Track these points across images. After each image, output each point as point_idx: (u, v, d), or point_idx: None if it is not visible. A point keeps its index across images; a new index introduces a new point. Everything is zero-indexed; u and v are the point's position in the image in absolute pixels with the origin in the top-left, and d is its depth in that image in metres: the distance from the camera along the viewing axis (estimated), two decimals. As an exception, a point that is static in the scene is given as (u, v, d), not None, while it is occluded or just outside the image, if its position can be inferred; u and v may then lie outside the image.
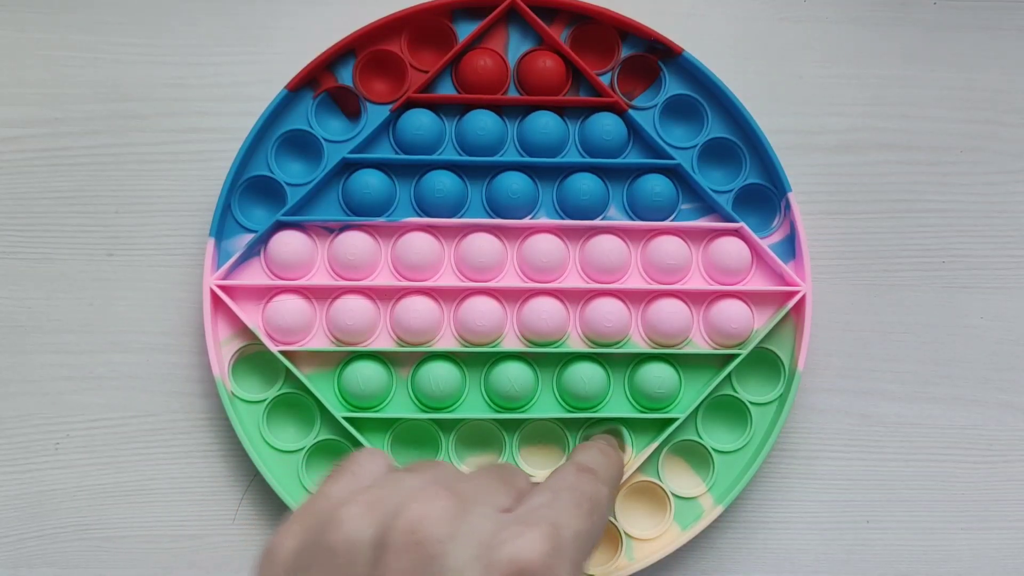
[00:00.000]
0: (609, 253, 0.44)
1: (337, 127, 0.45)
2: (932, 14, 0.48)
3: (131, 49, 0.46)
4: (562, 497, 0.29)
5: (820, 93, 0.47)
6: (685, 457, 0.45)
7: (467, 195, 0.44)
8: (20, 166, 0.46)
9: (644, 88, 0.45)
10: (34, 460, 0.45)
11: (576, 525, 0.28)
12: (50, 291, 0.45)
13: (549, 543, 0.25)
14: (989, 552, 0.46)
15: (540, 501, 0.28)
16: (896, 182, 0.47)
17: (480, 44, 0.45)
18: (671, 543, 0.43)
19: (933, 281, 0.47)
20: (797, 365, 0.44)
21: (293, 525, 0.28)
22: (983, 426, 0.47)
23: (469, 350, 0.44)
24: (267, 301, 0.43)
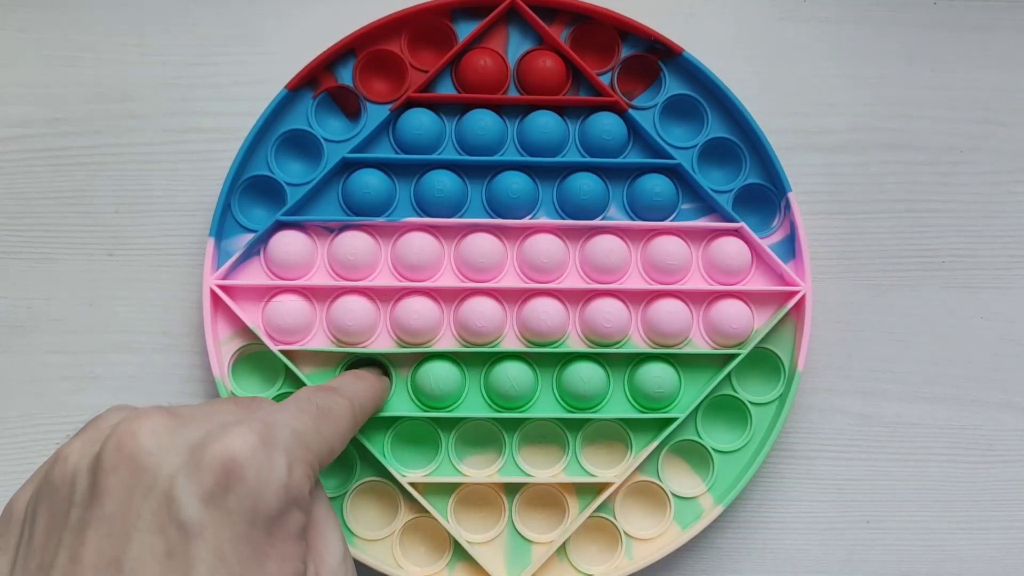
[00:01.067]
0: (609, 253, 0.44)
1: (337, 127, 0.45)
2: (932, 14, 0.48)
3: (131, 49, 0.46)
4: (285, 406, 0.29)
5: (820, 93, 0.47)
6: (685, 457, 0.45)
7: (467, 195, 0.44)
8: (20, 166, 0.46)
9: (644, 88, 0.45)
10: (34, 460, 0.45)
11: (295, 424, 0.28)
12: (50, 291, 0.45)
13: (256, 436, 0.26)
14: (989, 552, 0.46)
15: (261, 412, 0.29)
16: (896, 182, 0.47)
17: (480, 44, 0.45)
18: (671, 543, 0.43)
19: (933, 281, 0.47)
20: (797, 365, 0.44)
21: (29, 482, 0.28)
22: (983, 426, 0.47)
23: (469, 350, 0.44)
24: (267, 301, 0.43)
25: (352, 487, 0.43)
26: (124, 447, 0.25)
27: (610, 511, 0.44)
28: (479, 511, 0.44)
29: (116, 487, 0.25)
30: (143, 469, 0.25)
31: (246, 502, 0.25)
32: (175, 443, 0.26)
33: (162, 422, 0.26)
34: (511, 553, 0.44)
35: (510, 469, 0.44)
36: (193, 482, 0.25)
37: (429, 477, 0.43)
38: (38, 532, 0.26)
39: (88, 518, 0.25)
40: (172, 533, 0.24)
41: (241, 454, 0.25)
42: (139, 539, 0.24)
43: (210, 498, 0.25)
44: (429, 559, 0.44)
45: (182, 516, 0.24)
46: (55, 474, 0.26)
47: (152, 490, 0.25)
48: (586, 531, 0.44)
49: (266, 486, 0.26)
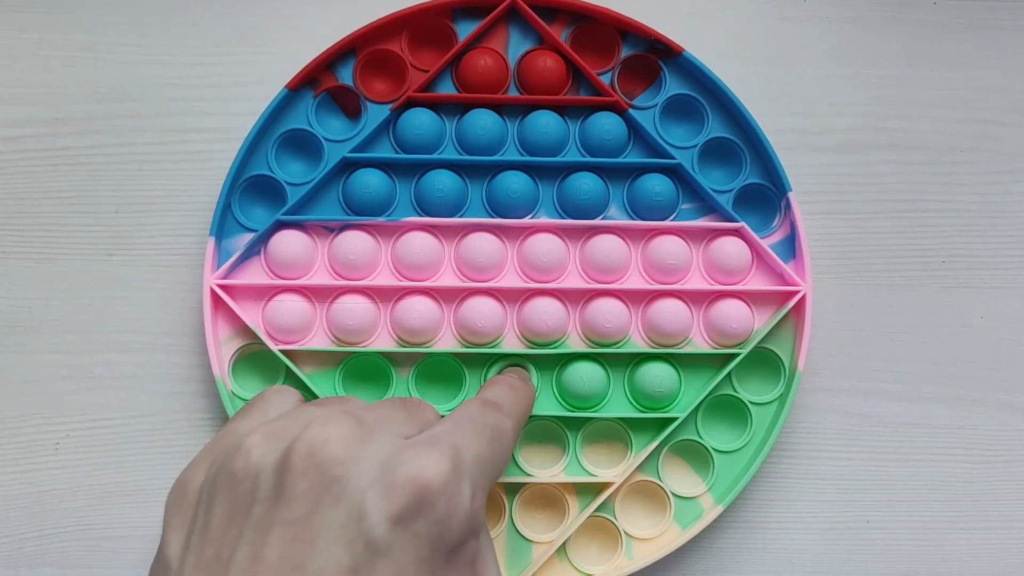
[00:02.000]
0: (609, 253, 0.44)
1: (337, 126, 0.45)
2: (932, 14, 0.48)
3: (131, 49, 0.46)
4: (463, 426, 0.29)
5: (820, 93, 0.47)
6: (685, 457, 0.45)
7: (467, 194, 0.44)
8: (20, 166, 0.46)
9: (644, 88, 0.45)
10: (34, 460, 0.45)
11: (476, 449, 0.28)
12: (50, 291, 0.45)
13: (449, 462, 0.26)
14: (989, 552, 0.46)
15: (443, 428, 0.28)
16: (896, 182, 0.47)
17: (480, 44, 0.45)
18: (671, 543, 0.43)
19: (933, 281, 0.47)
20: (797, 365, 0.44)
21: (201, 461, 0.28)
22: (983, 426, 0.47)
23: (469, 350, 0.44)
24: (267, 300, 0.43)
25: (352, 487, 0.43)
26: (316, 453, 0.25)
27: (610, 511, 0.44)
28: (479, 511, 0.44)
29: (304, 493, 0.24)
30: (334, 479, 0.25)
31: (434, 528, 0.25)
32: (365, 455, 0.25)
33: (352, 431, 0.26)
34: (511, 553, 0.44)
35: (510, 469, 0.44)
36: (385, 501, 0.24)
37: (429, 477, 0.43)
38: (215, 521, 0.25)
39: (273, 519, 0.24)
40: (359, 549, 0.24)
41: (435, 481, 0.25)
42: (325, 549, 0.24)
43: (400, 520, 0.24)
44: (429, 559, 0.44)
45: (371, 533, 0.24)
46: (236, 466, 0.26)
47: (340, 501, 0.24)
48: (586, 531, 0.44)
49: (454, 515, 0.25)
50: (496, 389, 0.35)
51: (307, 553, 0.24)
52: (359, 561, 0.24)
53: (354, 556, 0.24)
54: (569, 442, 0.44)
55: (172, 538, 0.26)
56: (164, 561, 0.26)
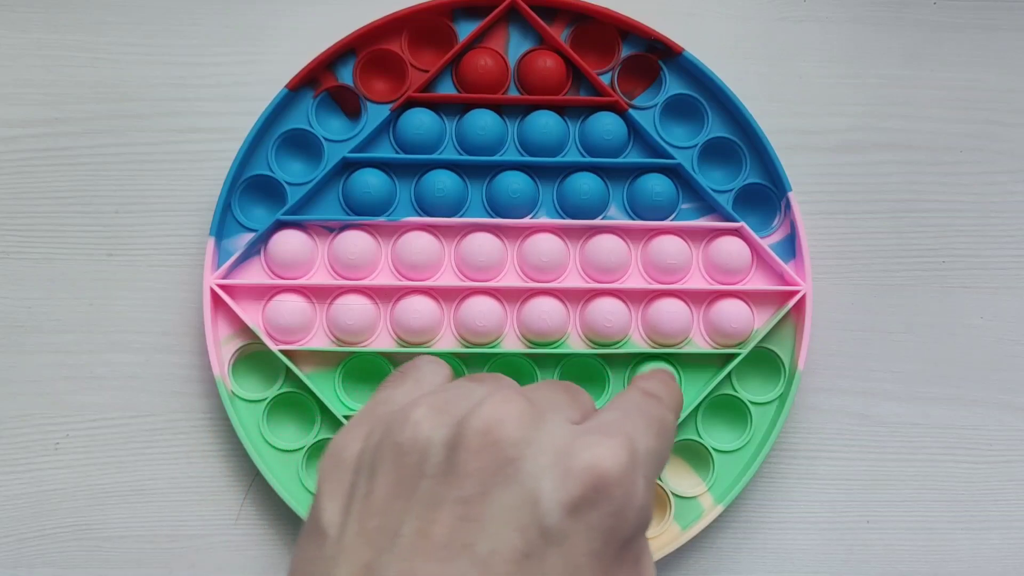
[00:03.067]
0: (609, 253, 0.44)
1: (337, 126, 0.45)
2: (932, 14, 0.48)
3: (131, 49, 0.46)
4: (632, 415, 0.28)
5: (820, 93, 0.47)
6: (685, 456, 0.45)
7: (467, 194, 0.44)
8: (20, 166, 0.46)
9: (644, 88, 0.45)
10: (34, 460, 0.45)
11: (648, 443, 0.27)
12: (50, 291, 0.45)
13: (627, 454, 0.25)
14: (989, 552, 0.46)
15: (612, 416, 0.27)
16: (896, 182, 0.47)
17: (480, 44, 0.45)
18: (671, 542, 0.43)
19: (933, 281, 0.47)
20: (797, 365, 0.44)
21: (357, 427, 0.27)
22: (983, 426, 0.47)
23: (470, 350, 0.44)
24: (267, 300, 0.43)
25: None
26: (491, 431, 0.24)
27: (610, 511, 0.44)
28: (479, 511, 0.44)
29: (477, 471, 0.24)
30: (508, 460, 0.24)
31: (608, 520, 0.24)
32: (540, 438, 0.24)
33: (527, 411, 0.25)
34: (511, 553, 0.44)
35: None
36: (561, 488, 0.24)
37: (429, 477, 0.43)
38: (379, 491, 0.24)
39: (443, 495, 0.23)
40: (532, 534, 0.23)
41: (613, 470, 0.24)
42: (496, 531, 0.23)
43: (575, 508, 0.24)
44: (429, 559, 0.44)
45: (546, 520, 0.23)
46: (404, 437, 0.25)
47: (515, 484, 0.24)
48: (586, 531, 0.44)
49: (628, 507, 0.25)
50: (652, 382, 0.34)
51: (477, 533, 0.23)
52: (532, 547, 0.23)
53: (527, 541, 0.23)
54: (569, 442, 0.44)
55: (328, 505, 0.25)
56: (319, 528, 0.25)
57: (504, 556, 0.23)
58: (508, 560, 0.23)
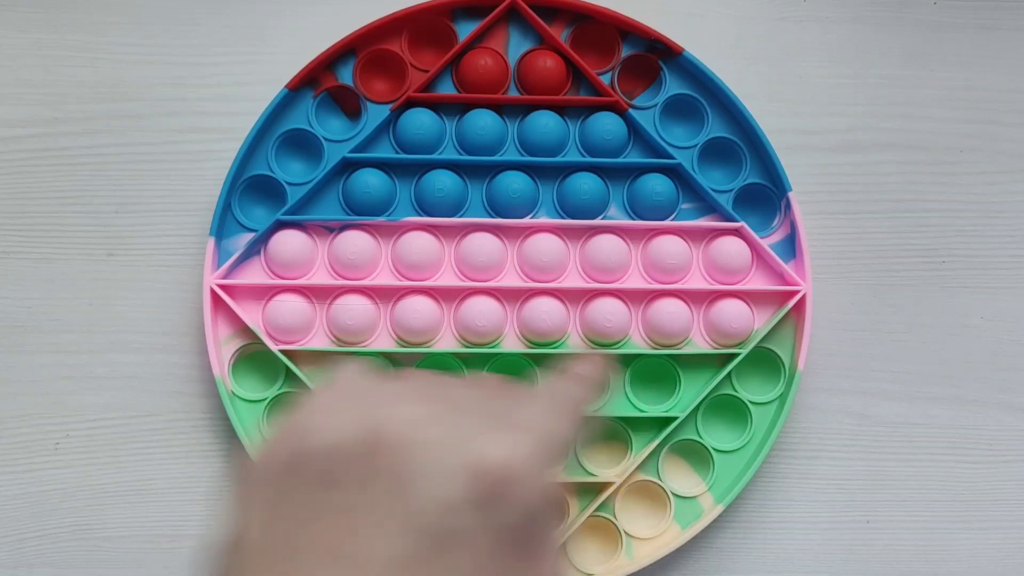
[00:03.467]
0: (609, 253, 0.44)
1: (337, 126, 0.45)
2: (932, 14, 0.48)
3: (131, 49, 0.46)
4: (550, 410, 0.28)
5: (820, 93, 0.47)
6: (685, 456, 0.45)
7: (467, 194, 0.44)
8: (20, 166, 0.46)
9: (644, 88, 0.45)
10: (34, 460, 0.45)
11: (557, 430, 0.27)
12: (50, 291, 0.45)
13: (530, 447, 0.25)
14: (989, 552, 0.46)
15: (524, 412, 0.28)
16: (896, 182, 0.47)
17: (480, 44, 0.45)
18: (671, 542, 0.43)
19: (933, 281, 0.47)
20: (797, 365, 0.44)
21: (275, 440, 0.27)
22: (983, 426, 0.47)
23: (470, 350, 0.44)
24: (267, 300, 0.43)
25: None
26: (392, 436, 0.24)
27: (610, 511, 0.44)
28: (479, 511, 0.44)
29: (382, 476, 0.24)
30: (414, 459, 0.24)
31: (514, 515, 0.24)
32: (444, 438, 0.24)
33: (430, 413, 0.25)
34: (511, 553, 0.44)
35: (510, 469, 0.44)
36: (465, 485, 0.24)
37: (429, 477, 0.43)
38: (285, 500, 0.24)
39: (352, 502, 0.24)
40: (424, 537, 0.23)
41: (518, 466, 0.24)
42: (385, 537, 0.23)
43: (480, 505, 0.24)
44: (429, 559, 0.44)
45: (450, 518, 0.23)
46: (315, 445, 0.25)
47: (407, 487, 0.24)
48: (586, 530, 0.44)
49: (535, 501, 0.25)
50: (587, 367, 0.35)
51: (381, 537, 0.23)
52: (422, 550, 0.23)
53: (417, 544, 0.23)
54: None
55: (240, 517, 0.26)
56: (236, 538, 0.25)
57: (393, 561, 0.23)
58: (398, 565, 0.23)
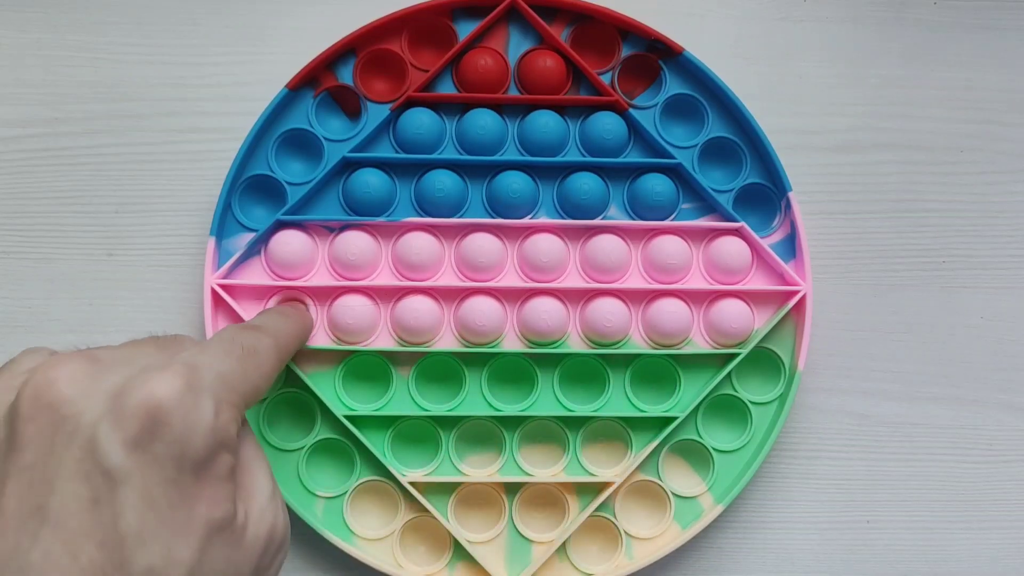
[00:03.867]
0: (609, 252, 0.44)
1: (337, 126, 0.45)
2: (932, 14, 0.48)
3: (131, 49, 0.46)
4: (207, 347, 0.29)
5: (820, 93, 0.47)
6: (685, 456, 0.45)
7: (467, 194, 0.44)
8: (20, 166, 0.46)
9: (645, 87, 0.45)
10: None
11: (220, 367, 0.28)
12: (50, 291, 0.45)
13: (181, 379, 0.25)
14: (989, 552, 0.46)
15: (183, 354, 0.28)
16: (896, 182, 0.47)
17: (480, 43, 0.45)
18: (671, 542, 0.43)
19: (933, 281, 0.47)
20: (797, 365, 0.44)
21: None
22: (983, 426, 0.47)
23: (470, 350, 0.44)
24: (268, 301, 0.43)
25: (352, 487, 0.43)
26: (42, 395, 0.25)
27: (610, 510, 0.44)
28: (479, 511, 0.44)
29: (35, 436, 0.24)
30: (63, 418, 0.24)
31: (173, 447, 0.25)
32: (95, 389, 0.25)
33: (81, 367, 0.25)
34: (511, 553, 0.44)
35: (510, 468, 0.44)
36: (117, 429, 0.24)
37: (429, 476, 0.43)
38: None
39: (7, 469, 0.24)
40: (97, 480, 0.24)
41: (166, 399, 0.25)
42: (62, 487, 0.24)
43: (135, 444, 0.24)
44: (429, 559, 0.44)
45: (107, 463, 0.24)
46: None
47: (74, 438, 0.24)
48: (586, 531, 0.44)
49: (193, 431, 0.25)
50: (262, 316, 0.35)
51: (45, 495, 0.24)
52: (99, 492, 0.24)
53: (93, 488, 0.24)
54: (569, 442, 0.44)
55: None
56: None
57: (73, 508, 0.23)
58: (79, 511, 0.23)
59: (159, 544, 0.24)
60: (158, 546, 0.24)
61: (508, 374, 0.44)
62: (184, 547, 0.25)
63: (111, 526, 0.24)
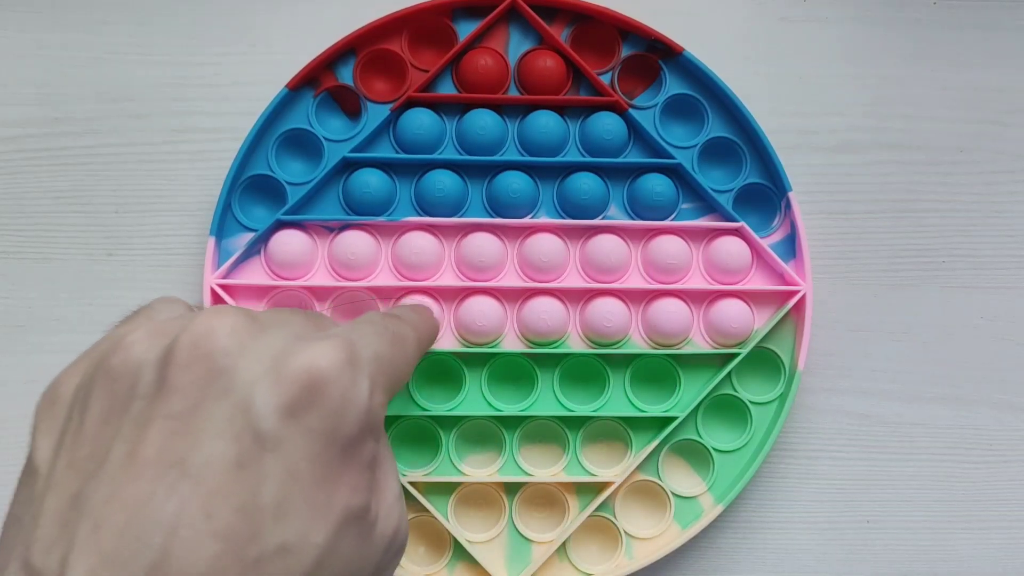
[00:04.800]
0: (609, 252, 0.44)
1: (337, 126, 0.45)
2: (932, 14, 0.48)
3: (131, 49, 0.46)
4: (362, 326, 0.28)
5: (820, 93, 0.47)
6: (685, 456, 0.45)
7: (467, 194, 0.44)
8: (20, 166, 0.46)
9: (644, 87, 0.45)
10: (34, 460, 0.45)
11: (376, 347, 0.27)
12: (50, 291, 0.45)
13: (344, 353, 0.24)
14: (989, 552, 0.46)
15: (341, 328, 0.27)
16: (896, 182, 0.47)
17: (480, 43, 0.45)
18: (671, 542, 0.43)
19: (933, 281, 0.47)
20: (797, 365, 0.44)
21: (76, 364, 0.26)
22: (983, 426, 0.47)
23: (469, 350, 0.44)
24: (268, 300, 0.43)
25: (352, 487, 0.43)
26: (201, 344, 0.23)
27: (610, 510, 0.44)
28: (479, 510, 0.44)
29: (187, 385, 0.23)
30: (220, 370, 0.23)
31: (327, 422, 0.23)
32: (255, 347, 0.24)
33: (241, 322, 0.24)
34: (511, 552, 0.44)
35: (510, 468, 0.44)
36: (274, 392, 0.23)
37: (429, 476, 0.43)
38: (90, 420, 0.24)
39: (152, 414, 0.23)
40: (246, 442, 0.23)
41: (327, 370, 0.24)
42: (208, 443, 0.22)
43: (290, 412, 0.23)
44: (429, 558, 0.44)
45: (258, 426, 0.23)
46: (115, 362, 0.24)
47: (227, 394, 0.23)
48: (586, 530, 0.44)
49: (348, 408, 0.24)
50: (400, 309, 0.34)
51: (189, 447, 0.22)
52: (246, 455, 0.22)
53: (240, 449, 0.22)
54: (569, 442, 0.44)
55: (42, 443, 0.25)
56: (32, 468, 0.25)
57: (217, 466, 0.22)
58: (221, 470, 0.22)
59: (297, 522, 0.23)
60: (296, 524, 0.23)
61: (508, 374, 0.44)
62: (319, 530, 0.23)
63: (252, 493, 0.22)
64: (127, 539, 0.21)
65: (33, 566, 0.22)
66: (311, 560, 0.23)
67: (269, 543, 0.22)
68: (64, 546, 0.22)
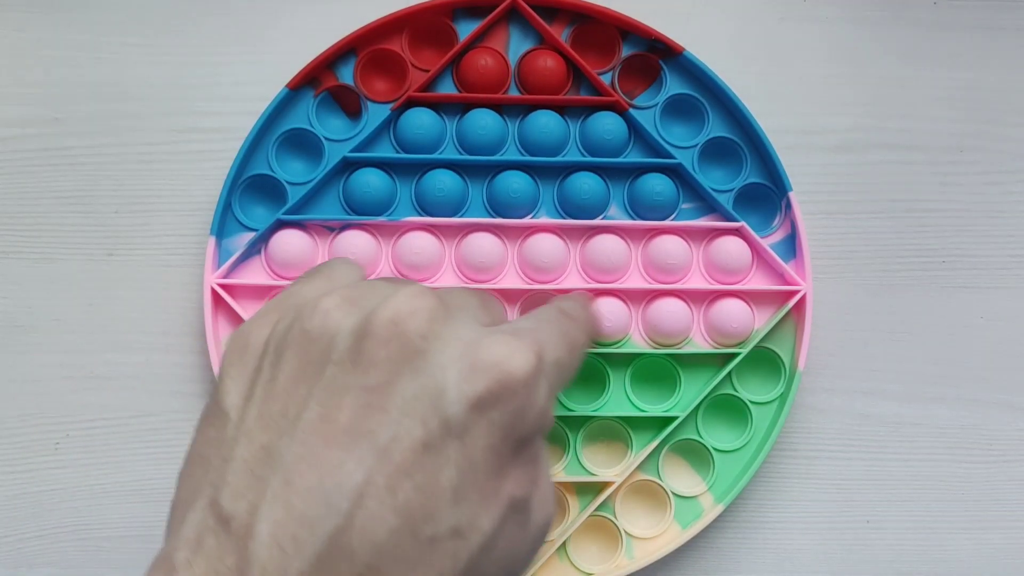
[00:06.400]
0: (610, 252, 0.44)
1: (338, 126, 0.45)
2: (932, 14, 0.48)
3: (131, 49, 0.46)
4: (546, 327, 0.28)
5: (820, 93, 0.47)
6: (685, 456, 0.45)
7: (468, 194, 0.44)
8: (20, 166, 0.46)
9: (645, 87, 0.45)
10: (34, 460, 0.45)
11: (558, 353, 0.28)
12: (50, 291, 0.45)
13: (535, 357, 0.25)
14: (989, 552, 0.46)
15: (526, 324, 0.28)
16: (896, 182, 0.47)
17: (481, 43, 0.45)
18: (671, 542, 0.43)
19: (933, 281, 0.47)
20: (797, 365, 0.44)
21: (266, 315, 0.27)
22: (983, 426, 0.47)
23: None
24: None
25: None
26: (402, 322, 0.24)
27: (610, 510, 0.44)
28: (480, 511, 0.44)
29: (384, 361, 0.24)
30: (416, 351, 0.24)
31: (508, 418, 0.24)
32: (450, 333, 0.25)
33: (437, 307, 0.25)
34: (511, 553, 0.44)
35: (510, 469, 0.44)
36: (466, 382, 0.24)
37: (429, 477, 0.43)
38: (283, 376, 0.24)
39: (348, 382, 0.24)
40: (433, 424, 0.23)
41: (519, 371, 0.24)
42: (398, 420, 0.23)
43: (478, 403, 0.24)
44: (429, 559, 0.44)
45: (447, 411, 0.23)
46: (313, 324, 0.25)
47: (419, 375, 0.24)
48: (586, 530, 0.44)
49: (528, 408, 0.25)
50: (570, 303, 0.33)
51: (380, 421, 0.23)
52: (432, 437, 0.23)
53: (427, 431, 0.23)
54: (569, 441, 0.44)
55: (231, 388, 0.25)
56: (221, 410, 0.25)
57: (405, 445, 0.23)
58: (408, 448, 0.23)
59: (469, 507, 0.24)
60: (468, 509, 0.24)
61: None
62: (487, 517, 0.24)
63: (434, 475, 0.23)
64: (316, 500, 0.22)
65: (222, 508, 0.23)
66: (477, 545, 0.24)
67: (443, 525, 0.23)
68: (254, 496, 0.23)
